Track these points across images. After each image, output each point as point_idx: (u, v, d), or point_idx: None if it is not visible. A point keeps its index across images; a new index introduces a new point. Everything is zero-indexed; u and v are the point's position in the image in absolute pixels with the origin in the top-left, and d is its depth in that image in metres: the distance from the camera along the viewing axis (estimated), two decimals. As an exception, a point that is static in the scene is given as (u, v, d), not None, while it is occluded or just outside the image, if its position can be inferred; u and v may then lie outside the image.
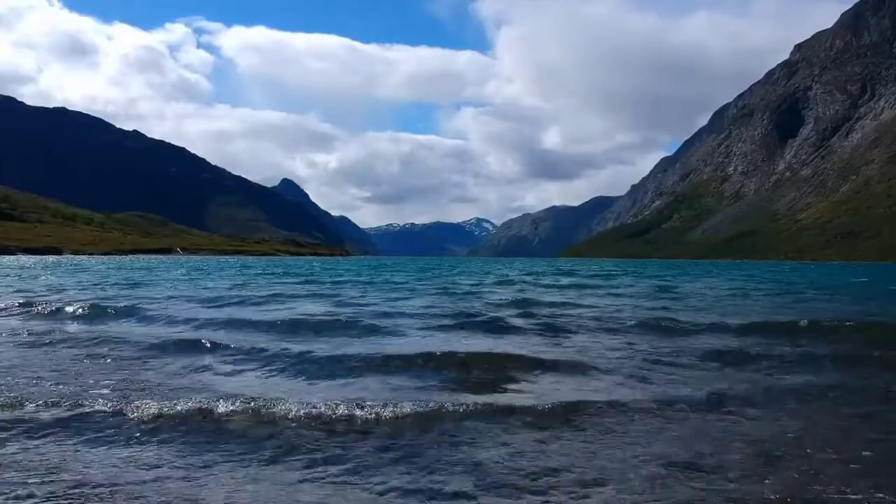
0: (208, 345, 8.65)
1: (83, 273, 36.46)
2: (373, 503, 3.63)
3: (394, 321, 12.13)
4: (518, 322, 12.20)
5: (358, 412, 5.15)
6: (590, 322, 12.10)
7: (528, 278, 36.69)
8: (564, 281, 33.38)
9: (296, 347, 8.49)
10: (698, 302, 18.31)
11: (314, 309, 14.53)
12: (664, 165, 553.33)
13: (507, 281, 31.69)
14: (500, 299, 17.94)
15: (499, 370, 7.35)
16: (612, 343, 9.58)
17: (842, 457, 4.36)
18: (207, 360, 7.89)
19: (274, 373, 7.27)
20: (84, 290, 20.91)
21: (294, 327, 11.06)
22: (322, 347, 8.60)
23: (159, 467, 4.08)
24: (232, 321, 11.77)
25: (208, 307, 14.95)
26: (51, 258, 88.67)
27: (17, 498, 3.58)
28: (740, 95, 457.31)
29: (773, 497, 3.65)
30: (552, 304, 16.27)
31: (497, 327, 11.52)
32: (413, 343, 9.50)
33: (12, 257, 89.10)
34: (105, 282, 26.25)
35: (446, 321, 12.25)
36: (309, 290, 21.67)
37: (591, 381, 6.88)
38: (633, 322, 11.85)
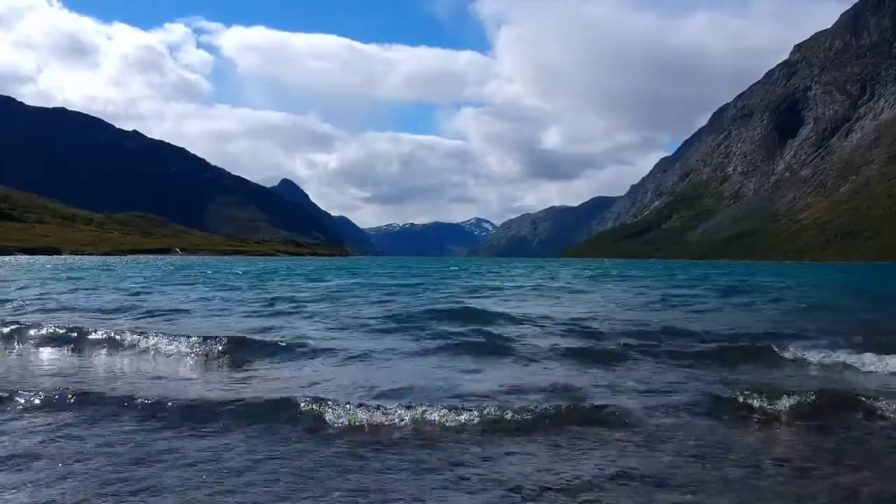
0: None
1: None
2: None
3: (340, 338, 10.25)
4: (515, 338, 10.40)
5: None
6: (631, 340, 10.20)
7: (520, 279, 36.33)
8: (571, 282, 32.94)
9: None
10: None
11: (238, 323, 12.60)
12: (664, 165, 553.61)
13: (499, 287, 29.62)
14: (501, 310, 15.12)
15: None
16: (669, 376, 7.67)
17: None
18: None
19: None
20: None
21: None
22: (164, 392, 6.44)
23: None
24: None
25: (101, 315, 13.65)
26: (43, 258, 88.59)
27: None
28: (740, 95, 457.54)
29: None
30: (557, 317, 13.99)
31: (490, 348, 9.31)
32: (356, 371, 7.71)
33: (10, 258, 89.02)
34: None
35: (425, 339, 10.16)
36: (255, 297, 19.54)
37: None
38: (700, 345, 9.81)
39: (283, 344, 9.29)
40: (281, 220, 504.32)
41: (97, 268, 49.13)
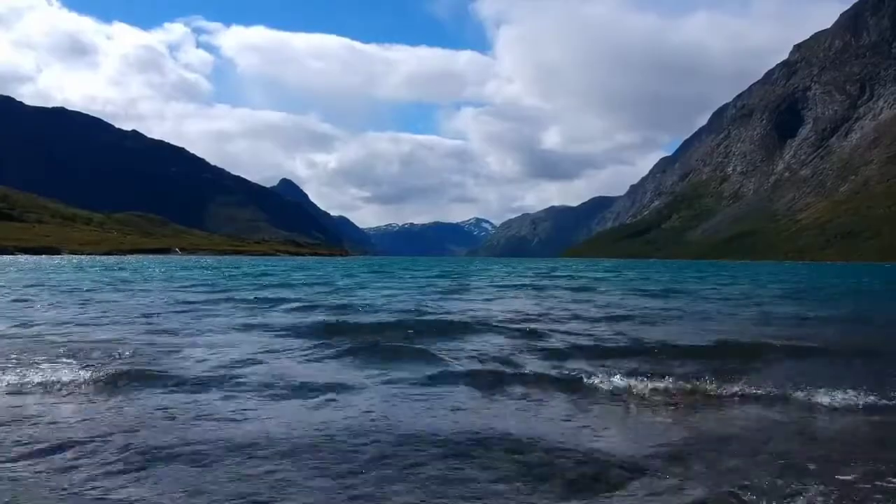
0: None
1: None
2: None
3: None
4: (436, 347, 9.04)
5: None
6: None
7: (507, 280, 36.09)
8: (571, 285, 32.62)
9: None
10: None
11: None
12: (663, 165, 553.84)
13: (488, 288, 28.39)
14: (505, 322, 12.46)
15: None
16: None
17: None
18: None
19: None
20: None
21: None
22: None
23: None
24: None
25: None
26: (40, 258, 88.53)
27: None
28: (739, 95, 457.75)
29: None
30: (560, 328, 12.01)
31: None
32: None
33: (9, 258, 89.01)
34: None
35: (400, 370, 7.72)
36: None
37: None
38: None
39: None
40: (281, 220, 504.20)
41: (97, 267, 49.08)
